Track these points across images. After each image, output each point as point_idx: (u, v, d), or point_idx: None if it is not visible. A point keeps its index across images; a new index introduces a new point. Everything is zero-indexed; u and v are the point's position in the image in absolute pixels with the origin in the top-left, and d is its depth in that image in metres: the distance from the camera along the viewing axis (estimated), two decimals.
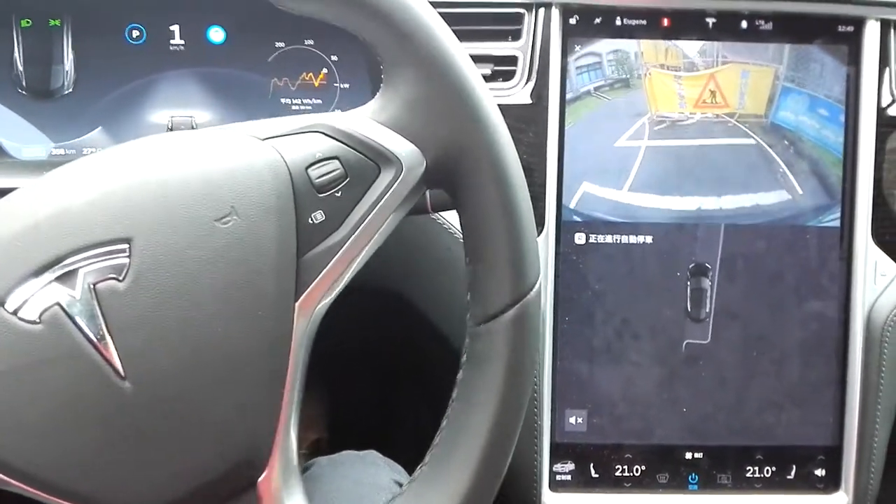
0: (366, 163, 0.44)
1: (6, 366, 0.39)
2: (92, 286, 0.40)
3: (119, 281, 0.40)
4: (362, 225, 0.44)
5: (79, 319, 0.40)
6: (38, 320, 0.39)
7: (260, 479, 0.42)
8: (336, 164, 0.44)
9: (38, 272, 0.40)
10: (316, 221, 0.43)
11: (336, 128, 0.45)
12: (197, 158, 0.43)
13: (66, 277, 0.40)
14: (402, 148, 0.45)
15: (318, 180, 0.43)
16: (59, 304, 0.40)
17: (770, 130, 0.77)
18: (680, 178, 0.77)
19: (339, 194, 0.44)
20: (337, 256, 0.43)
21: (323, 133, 0.45)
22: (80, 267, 0.40)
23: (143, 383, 0.40)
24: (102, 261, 0.40)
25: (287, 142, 0.44)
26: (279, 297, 0.42)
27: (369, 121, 0.46)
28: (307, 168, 0.43)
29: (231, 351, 0.41)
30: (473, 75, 0.46)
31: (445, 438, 0.46)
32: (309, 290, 0.43)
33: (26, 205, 0.42)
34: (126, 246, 0.40)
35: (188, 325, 0.40)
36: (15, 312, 0.39)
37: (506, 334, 0.45)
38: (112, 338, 0.39)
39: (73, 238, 0.40)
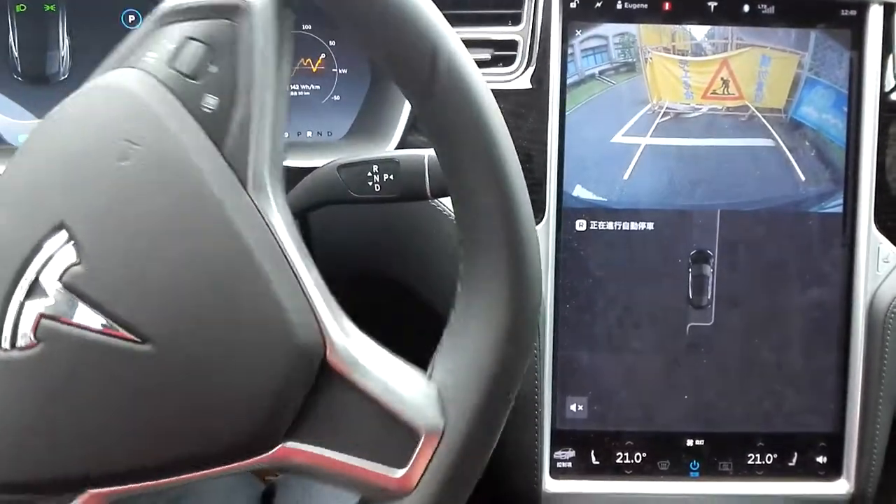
0: (217, 25, 0.42)
1: (43, 396, 0.39)
2: (59, 282, 0.39)
3: (78, 264, 0.39)
4: (255, 82, 0.42)
5: (69, 317, 0.39)
6: (35, 341, 0.39)
7: (327, 355, 0.41)
8: (192, 43, 0.42)
9: (4, 304, 0.39)
10: (212, 107, 0.41)
11: (169, 10, 0.43)
12: (71, 118, 0.42)
13: (33, 291, 0.39)
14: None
15: (186, 69, 0.41)
16: (42, 315, 0.39)
17: (790, 128, 0.76)
18: (681, 185, 0.76)
19: (214, 70, 0.41)
20: (254, 125, 0.41)
21: (162, 25, 0.43)
22: (38, 275, 0.39)
23: (162, 337, 0.39)
24: (52, 257, 0.39)
25: (138, 55, 0.43)
26: (229, 193, 0.40)
27: None
28: (169, 64, 0.42)
29: (219, 268, 0.39)
30: None
31: (464, 225, 0.45)
32: (251, 171, 0.41)
33: None
34: (63, 231, 0.39)
35: (163, 266, 0.39)
36: (13, 347, 0.39)
37: (448, 89, 0.42)
38: (108, 316, 0.39)
39: (14, 256, 0.39)
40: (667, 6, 0.75)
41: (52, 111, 0.44)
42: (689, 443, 0.78)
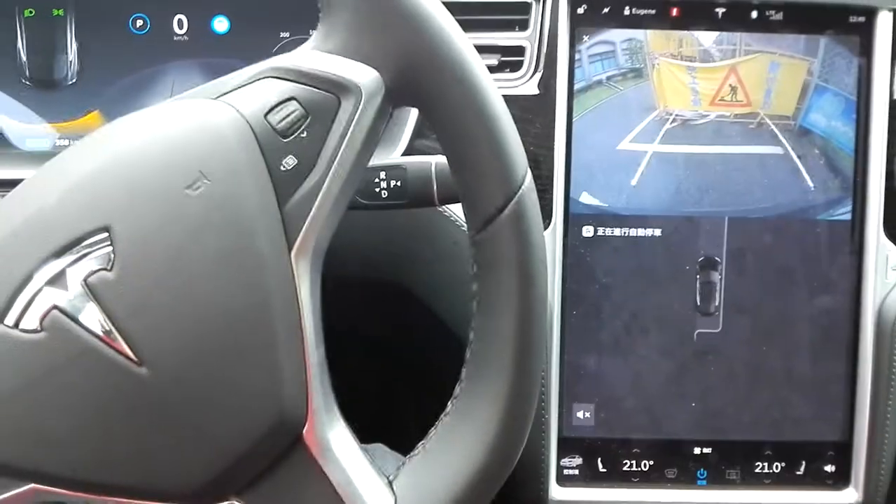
0: (323, 96, 0.43)
1: (22, 381, 0.39)
2: (83, 282, 0.39)
3: (108, 271, 0.39)
4: (337, 158, 0.43)
5: (79, 318, 0.39)
6: (39, 328, 0.39)
7: (304, 432, 0.42)
8: (294, 104, 0.42)
9: (26, 281, 0.39)
10: (289, 167, 0.42)
11: (285, 68, 0.43)
12: (154, 131, 0.42)
13: (56, 279, 0.39)
14: (357, 73, 0.43)
15: (279, 125, 0.42)
16: (55, 306, 0.39)
17: (799, 136, 0.75)
18: (689, 191, 0.75)
19: (304, 135, 0.42)
20: (320, 196, 0.42)
21: (273, 77, 0.43)
22: (67, 266, 0.39)
23: (159, 366, 0.39)
24: (86, 255, 0.39)
25: (239, 95, 0.43)
26: (272, 251, 0.41)
27: (317, 53, 0.44)
28: (265, 115, 0.42)
29: (237, 317, 0.40)
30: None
31: (475, 350, 0.45)
32: (301, 236, 0.42)
33: (0, 215, 0.41)
34: (106, 234, 0.40)
35: (187, 299, 0.39)
36: (16, 325, 0.39)
37: (508, 233, 0.44)
38: (116, 328, 0.39)
39: (52, 239, 0.40)
40: (675, 12, 0.75)
41: (137, 113, 0.45)
42: (697, 451, 0.78)
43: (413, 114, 0.74)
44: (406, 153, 0.73)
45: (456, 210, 0.73)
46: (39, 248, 0.40)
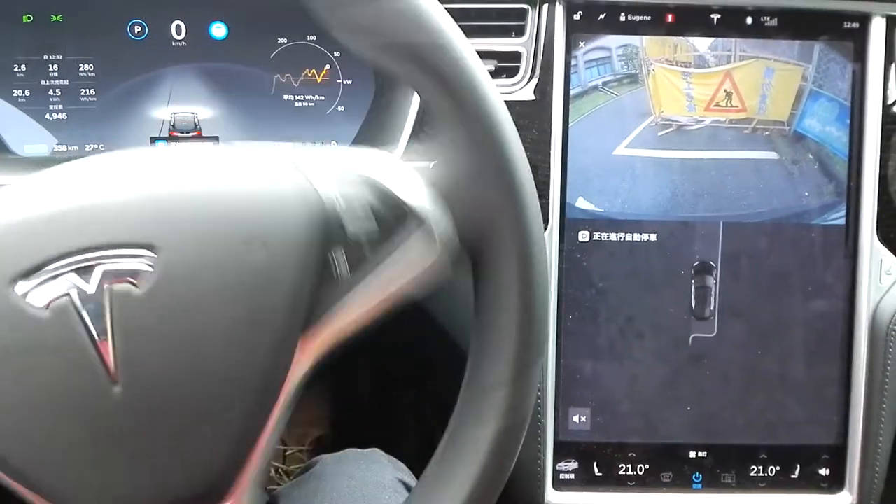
0: (400, 222, 0.43)
1: (1, 351, 0.39)
2: (108, 285, 0.39)
3: (134, 285, 0.39)
4: (380, 278, 0.43)
5: (86, 315, 0.39)
6: (45, 307, 0.39)
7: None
8: (369, 209, 0.43)
9: (56, 259, 0.39)
10: (337, 261, 0.42)
11: (379, 171, 0.43)
12: (233, 178, 0.42)
13: (84, 271, 0.39)
14: (441, 222, 0.44)
15: (347, 222, 0.42)
16: (69, 295, 0.39)
17: (794, 141, 0.76)
18: (684, 196, 0.76)
19: (363, 239, 0.43)
20: (348, 299, 0.42)
21: (362, 174, 0.44)
22: (99, 263, 0.39)
23: (133, 390, 0.39)
24: (122, 262, 0.39)
25: (326, 173, 0.43)
26: (286, 330, 0.41)
27: (419, 181, 0.44)
28: (339, 206, 0.42)
29: (226, 375, 0.40)
30: (518, 151, 0.46)
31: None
32: (316, 326, 0.42)
33: (58, 191, 0.41)
34: (148, 252, 0.40)
35: (191, 342, 0.40)
36: (24, 296, 0.39)
37: (503, 402, 0.45)
38: (113, 340, 0.39)
39: (99, 233, 0.40)
40: (670, 18, 0.75)
41: (227, 148, 0.46)
42: (692, 454, 0.78)
43: (412, 113, 0.74)
44: (404, 155, 0.73)
45: None
46: (83, 237, 0.40)
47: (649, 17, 0.75)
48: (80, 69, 0.79)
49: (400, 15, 0.43)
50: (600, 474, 0.78)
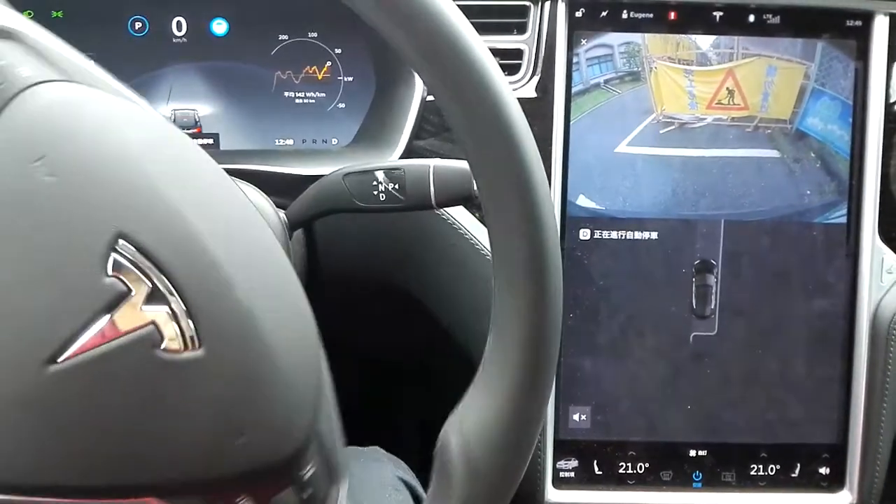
0: None
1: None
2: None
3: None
4: None
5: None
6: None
7: None
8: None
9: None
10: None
11: None
12: None
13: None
14: None
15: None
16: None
17: (796, 139, 0.76)
18: (685, 194, 0.76)
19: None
20: None
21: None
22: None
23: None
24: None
25: None
26: None
27: None
28: None
29: None
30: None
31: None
32: None
33: None
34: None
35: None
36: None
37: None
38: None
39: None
40: (672, 16, 0.75)
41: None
42: (692, 453, 0.78)
43: (412, 115, 0.74)
44: (404, 156, 0.73)
45: (454, 213, 0.73)
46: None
47: (651, 15, 0.75)
48: None
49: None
50: (600, 473, 0.78)
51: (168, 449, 0.38)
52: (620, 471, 0.78)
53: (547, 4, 0.74)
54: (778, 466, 0.78)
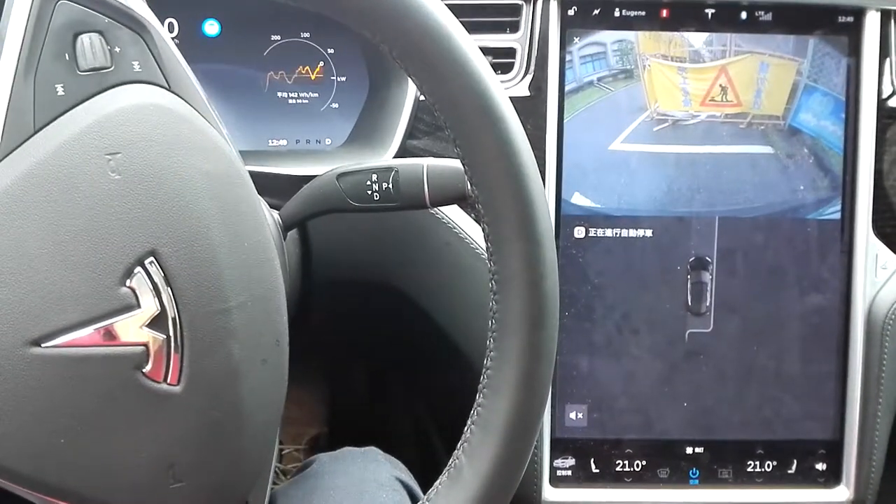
0: None
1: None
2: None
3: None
4: None
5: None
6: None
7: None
8: None
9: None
10: None
11: None
12: None
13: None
14: None
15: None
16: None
17: (789, 135, 0.76)
18: (680, 191, 0.76)
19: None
20: None
21: None
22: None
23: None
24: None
25: None
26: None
27: None
28: None
29: None
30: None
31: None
32: None
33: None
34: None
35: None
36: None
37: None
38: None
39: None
40: (665, 13, 0.75)
41: None
42: (689, 450, 0.78)
43: (405, 114, 0.74)
44: (398, 155, 0.73)
45: (447, 212, 0.73)
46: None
47: (644, 13, 0.75)
48: None
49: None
50: (597, 471, 0.78)
51: (105, 465, 0.38)
52: (617, 469, 0.78)
53: (539, 3, 0.74)
54: (774, 463, 0.79)
